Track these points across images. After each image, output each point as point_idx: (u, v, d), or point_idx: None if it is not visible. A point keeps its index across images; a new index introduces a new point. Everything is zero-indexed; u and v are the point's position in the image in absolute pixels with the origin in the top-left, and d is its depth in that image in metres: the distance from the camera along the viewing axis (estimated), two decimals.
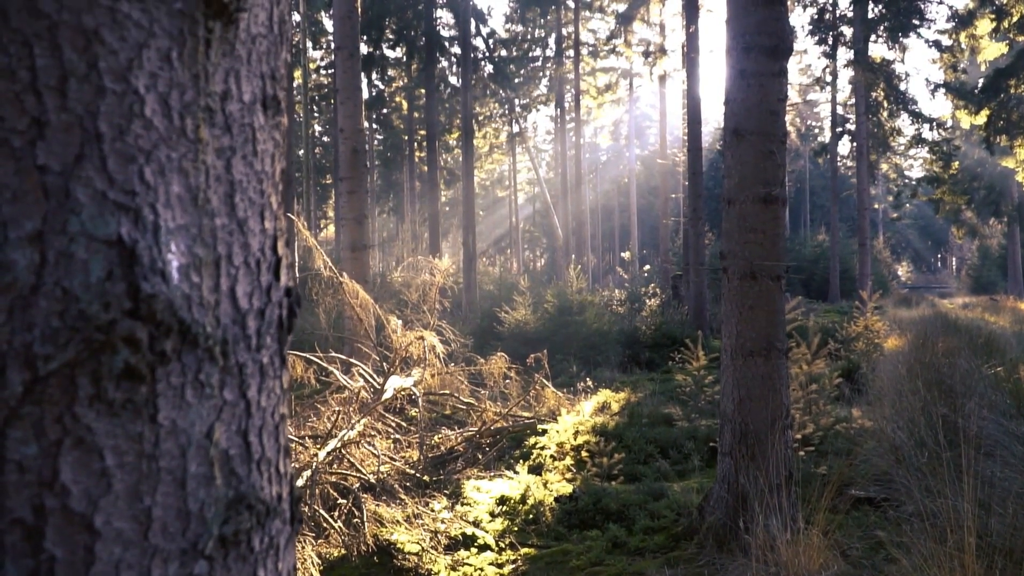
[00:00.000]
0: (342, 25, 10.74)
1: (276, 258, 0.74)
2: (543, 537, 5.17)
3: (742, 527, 4.35)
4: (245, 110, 0.70)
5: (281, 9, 0.75)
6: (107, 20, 0.59)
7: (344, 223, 10.77)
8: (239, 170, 0.69)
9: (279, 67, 0.75)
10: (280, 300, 0.74)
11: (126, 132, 0.60)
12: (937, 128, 27.25)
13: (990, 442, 5.76)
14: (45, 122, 0.57)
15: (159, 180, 0.62)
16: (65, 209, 0.57)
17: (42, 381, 0.56)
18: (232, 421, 0.68)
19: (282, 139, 0.76)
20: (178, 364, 0.62)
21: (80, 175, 0.58)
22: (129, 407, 0.59)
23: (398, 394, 7.37)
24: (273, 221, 0.74)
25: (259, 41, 0.71)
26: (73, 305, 0.57)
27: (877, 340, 11.33)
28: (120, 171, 0.59)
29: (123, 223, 0.59)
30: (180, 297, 0.62)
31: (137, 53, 0.60)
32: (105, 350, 0.58)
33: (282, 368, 0.75)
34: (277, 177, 0.75)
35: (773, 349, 4.55)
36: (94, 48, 0.58)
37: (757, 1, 4.42)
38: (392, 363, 8.10)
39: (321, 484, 5.13)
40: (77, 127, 0.58)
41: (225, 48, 0.67)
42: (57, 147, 0.57)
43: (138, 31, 0.60)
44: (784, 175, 4.61)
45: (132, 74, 0.60)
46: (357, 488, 5.34)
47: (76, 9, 0.58)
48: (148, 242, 0.60)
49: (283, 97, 0.76)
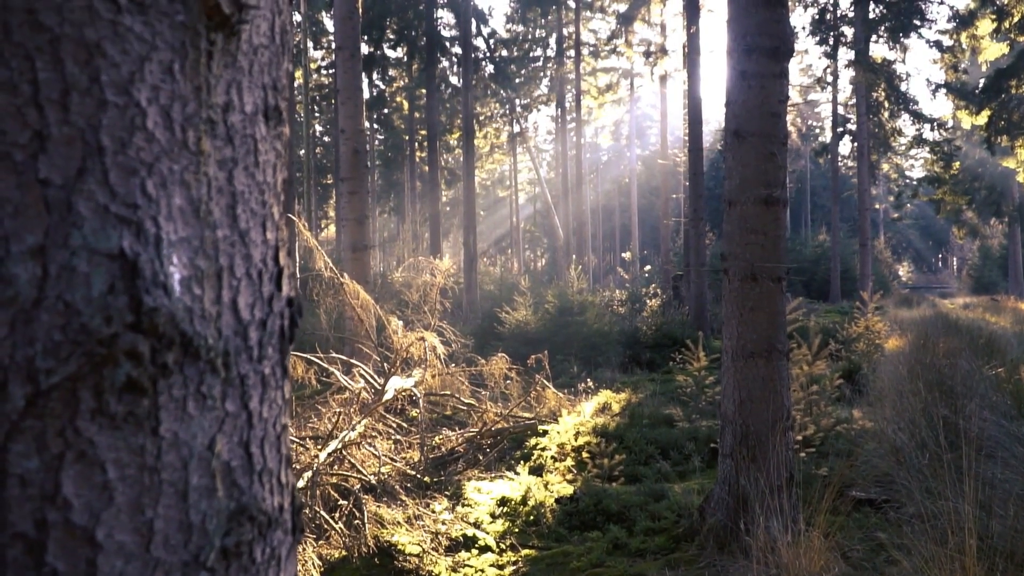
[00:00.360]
0: (343, 26, 10.75)
1: (278, 268, 0.74)
2: (544, 538, 5.17)
3: (743, 529, 4.35)
4: (247, 121, 0.70)
5: (283, 19, 0.75)
6: (109, 33, 0.59)
7: (345, 224, 10.77)
8: (241, 181, 0.69)
9: (281, 77, 0.75)
10: (282, 311, 0.74)
11: (128, 145, 0.60)
12: (938, 128, 27.25)
13: (991, 443, 5.76)
14: (47, 136, 0.57)
15: (161, 193, 0.61)
16: (67, 223, 0.57)
17: (44, 395, 0.56)
18: (234, 432, 0.68)
19: (284, 149, 0.75)
20: (180, 376, 0.62)
21: (82, 188, 0.58)
22: (131, 420, 0.59)
23: (399, 395, 7.37)
24: (275, 232, 0.74)
25: (261, 52, 0.71)
26: (75, 319, 0.57)
27: (878, 341, 11.32)
28: (122, 184, 0.59)
29: (125, 236, 0.59)
30: (182, 309, 0.62)
31: (139, 66, 0.60)
32: (107, 364, 0.58)
33: (284, 378, 0.75)
34: (279, 187, 0.75)
35: (774, 351, 4.55)
36: (96, 61, 0.58)
37: (758, 3, 4.42)
38: (393, 363, 8.10)
39: (322, 485, 5.14)
40: (79, 140, 0.58)
41: (227, 60, 0.67)
42: (59, 160, 0.57)
43: (140, 44, 0.60)
44: (785, 177, 4.61)
45: (134, 87, 0.60)
46: (358, 489, 5.34)
47: (78, 22, 0.58)
48: (150, 255, 0.60)
49: (285, 107, 0.76)
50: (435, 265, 9.73)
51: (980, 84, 23.90)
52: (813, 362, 6.94)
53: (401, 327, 7.98)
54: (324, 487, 5.20)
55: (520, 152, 45.36)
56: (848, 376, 9.26)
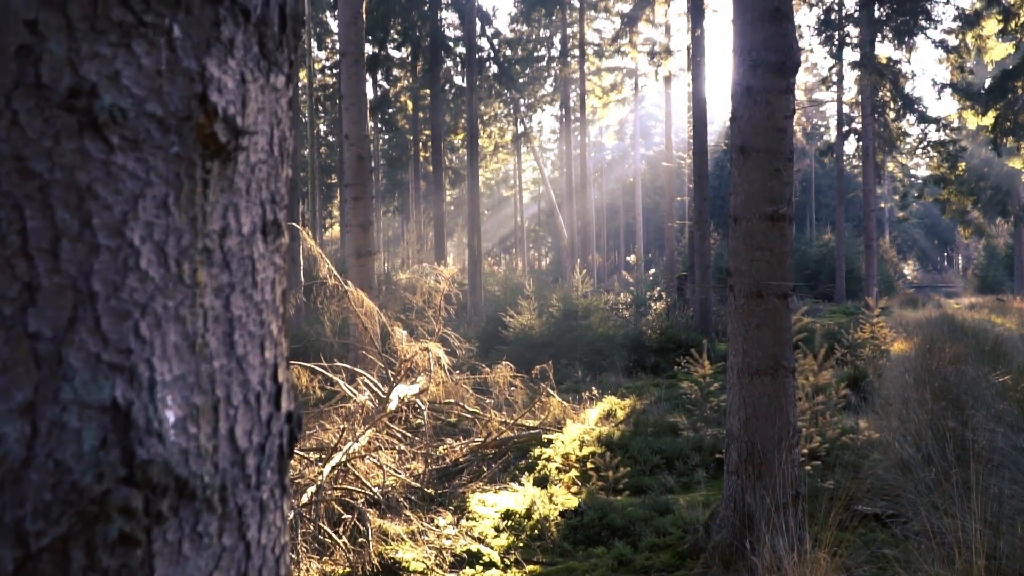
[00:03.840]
0: (347, 31, 10.73)
1: (276, 387, 0.72)
2: (548, 554, 5.15)
3: (748, 547, 4.32)
4: (244, 243, 0.68)
5: (282, 128, 0.73)
6: (101, 174, 0.57)
7: (349, 230, 10.76)
8: (238, 305, 0.67)
9: (280, 189, 0.73)
10: (281, 430, 0.72)
11: (121, 288, 0.58)
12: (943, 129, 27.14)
13: (998, 456, 5.73)
14: (36, 287, 0.55)
15: (155, 333, 0.60)
16: (57, 377, 0.55)
17: (34, 557, 0.54)
18: (231, 566, 0.66)
19: (283, 261, 0.74)
20: (175, 520, 0.61)
21: (73, 339, 0.56)
22: (124, 572, 0.58)
23: (403, 405, 7.36)
24: (274, 349, 0.72)
25: (259, 168, 0.69)
26: (66, 477, 0.55)
27: (883, 347, 11.28)
28: (114, 330, 0.57)
29: (117, 385, 0.57)
30: (177, 453, 0.60)
31: (132, 205, 0.58)
32: (99, 521, 0.56)
33: (283, 497, 0.73)
34: (278, 301, 0.73)
35: (780, 368, 4.52)
36: (87, 205, 0.57)
37: (764, 18, 4.39)
38: (398, 372, 8.09)
39: (326, 501, 5.12)
40: (70, 289, 0.56)
41: (223, 184, 0.65)
42: (49, 312, 0.55)
43: (133, 182, 0.59)
44: (791, 193, 4.58)
45: (127, 227, 0.58)
46: (362, 503, 5.33)
47: (69, 166, 0.56)
48: (144, 401, 0.58)
49: (284, 217, 0.74)
50: (439, 272, 9.71)
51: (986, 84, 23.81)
52: (819, 372, 6.90)
53: (405, 336, 7.97)
54: (328, 502, 5.19)
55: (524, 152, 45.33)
56: (853, 383, 9.21)
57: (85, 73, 0.56)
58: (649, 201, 56.23)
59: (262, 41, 0.68)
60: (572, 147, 32.76)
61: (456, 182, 38.95)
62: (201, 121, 0.62)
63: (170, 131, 0.60)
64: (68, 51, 0.56)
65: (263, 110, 0.69)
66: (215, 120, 0.62)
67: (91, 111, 0.56)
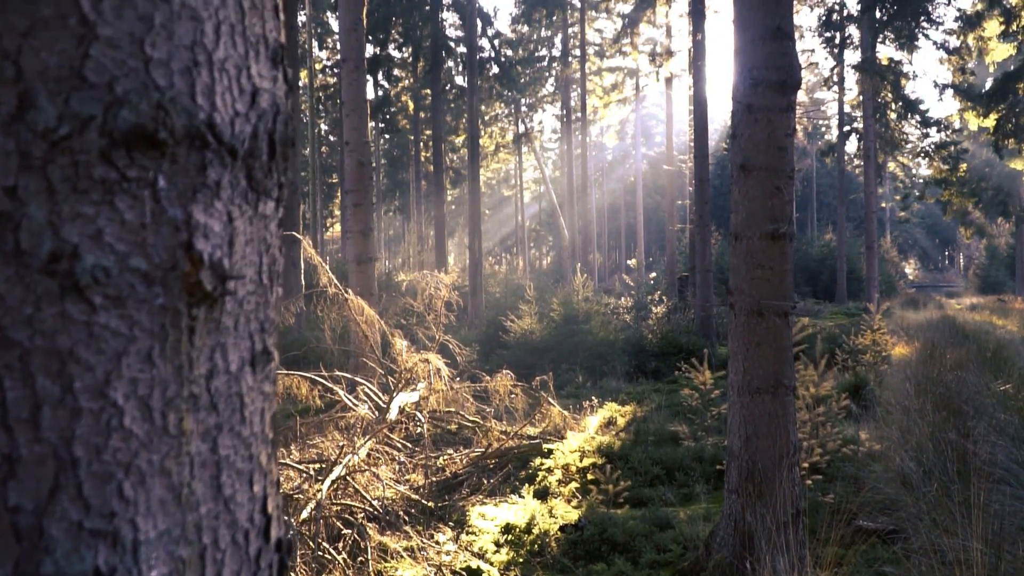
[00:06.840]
0: (348, 37, 10.71)
1: (266, 519, 0.71)
2: (548, 570, 5.14)
3: (749, 567, 4.31)
4: (232, 380, 0.66)
5: (271, 253, 0.71)
6: (83, 336, 0.56)
7: (350, 235, 10.75)
8: (226, 445, 0.66)
9: (269, 315, 0.71)
10: (270, 561, 0.71)
11: (103, 450, 0.57)
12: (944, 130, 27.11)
13: (999, 470, 5.71)
14: (16, 458, 0.54)
15: (139, 491, 0.58)
16: (38, 550, 0.54)
17: None
18: None
19: (273, 389, 0.72)
20: None
21: (54, 510, 0.54)
22: None
23: (402, 415, 7.35)
24: (263, 480, 0.71)
25: (247, 301, 0.68)
26: None
27: (884, 352, 11.27)
28: (97, 494, 0.56)
29: (100, 552, 0.56)
30: None
31: (116, 364, 0.57)
32: None
33: None
34: (267, 429, 0.71)
35: (780, 386, 4.51)
36: (69, 369, 0.55)
37: (765, 37, 4.37)
38: (398, 381, 8.08)
39: (325, 517, 5.11)
40: (51, 457, 0.55)
41: (210, 327, 0.64)
42: (30, 483, 0.54)
43: (116, 340, 0.57)
44: (792, 210, 4.56)
45: (110, 387, 0.57)
46: (361, 518, 5.32)
47: (50, 332, 0.55)
48: (127, 565, 0.57)
49: (273, 343, 0.72)
50: (440, 279, 9.70)
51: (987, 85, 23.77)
52: (820, 384, 6.89)
53: (406, 347, 7.97)
54: (328, 518, 5.18)
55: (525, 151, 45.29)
56: (855, 391, 9.19)
57: (67, 235, 0.55)
58: (650, 201, 56.20)
59: (250, 174, 0.66)
60: (573, 147, 32.74)
61: (457, 182, 38.92)
62: (187, 270, 0.60)
63: (155, 283, 0.59)
64: (49, 214, 0.54)
65: (251, 241, 0.67)
66: (201, 268, 0.61)
67: (73, 274, 0.55)
